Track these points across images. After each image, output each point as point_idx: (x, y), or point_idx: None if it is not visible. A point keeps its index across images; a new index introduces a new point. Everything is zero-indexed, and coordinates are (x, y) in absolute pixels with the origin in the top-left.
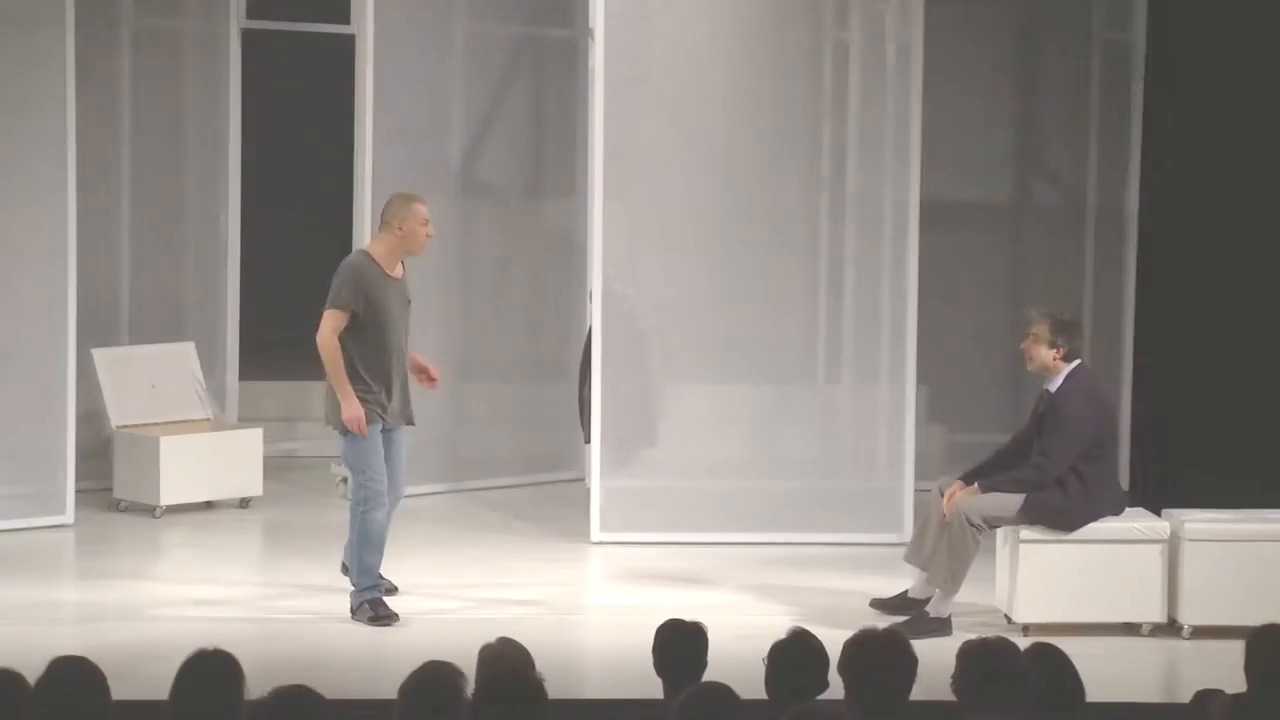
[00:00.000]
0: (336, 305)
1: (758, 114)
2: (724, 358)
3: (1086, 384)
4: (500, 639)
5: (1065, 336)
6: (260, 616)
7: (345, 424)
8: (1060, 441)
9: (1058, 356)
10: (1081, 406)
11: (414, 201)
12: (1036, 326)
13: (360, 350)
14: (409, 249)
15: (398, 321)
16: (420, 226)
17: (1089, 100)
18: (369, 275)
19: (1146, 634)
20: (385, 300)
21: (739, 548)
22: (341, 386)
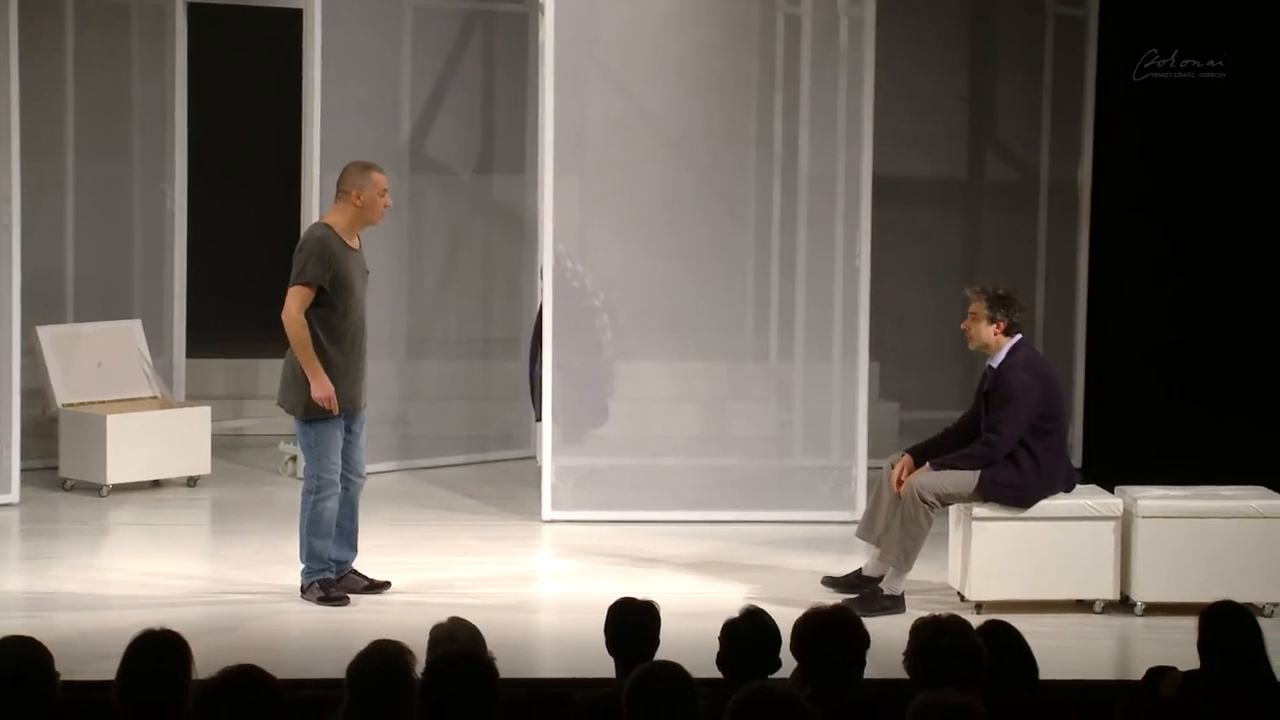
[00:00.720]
0: (303, 281)
1: (709, 89)
2: (676, 335)
3: (1029, 357)
4: (451, 619)
5: (1003, 310)
6: (209, 597)
7: (317, 401)
8: (1007, 417)
9: (998, 331)
10: (1025, 380)
11: (372, 170)
12: (974, 304)
13: (327, 327)
14: (368, 219)
15: (360, 294)
16: (379, 196)
17: (1042, 75)
18: (334, 248)
19: (1099, 611)
20: (349, 274)
21: (691, 526)
22: (311, 365)
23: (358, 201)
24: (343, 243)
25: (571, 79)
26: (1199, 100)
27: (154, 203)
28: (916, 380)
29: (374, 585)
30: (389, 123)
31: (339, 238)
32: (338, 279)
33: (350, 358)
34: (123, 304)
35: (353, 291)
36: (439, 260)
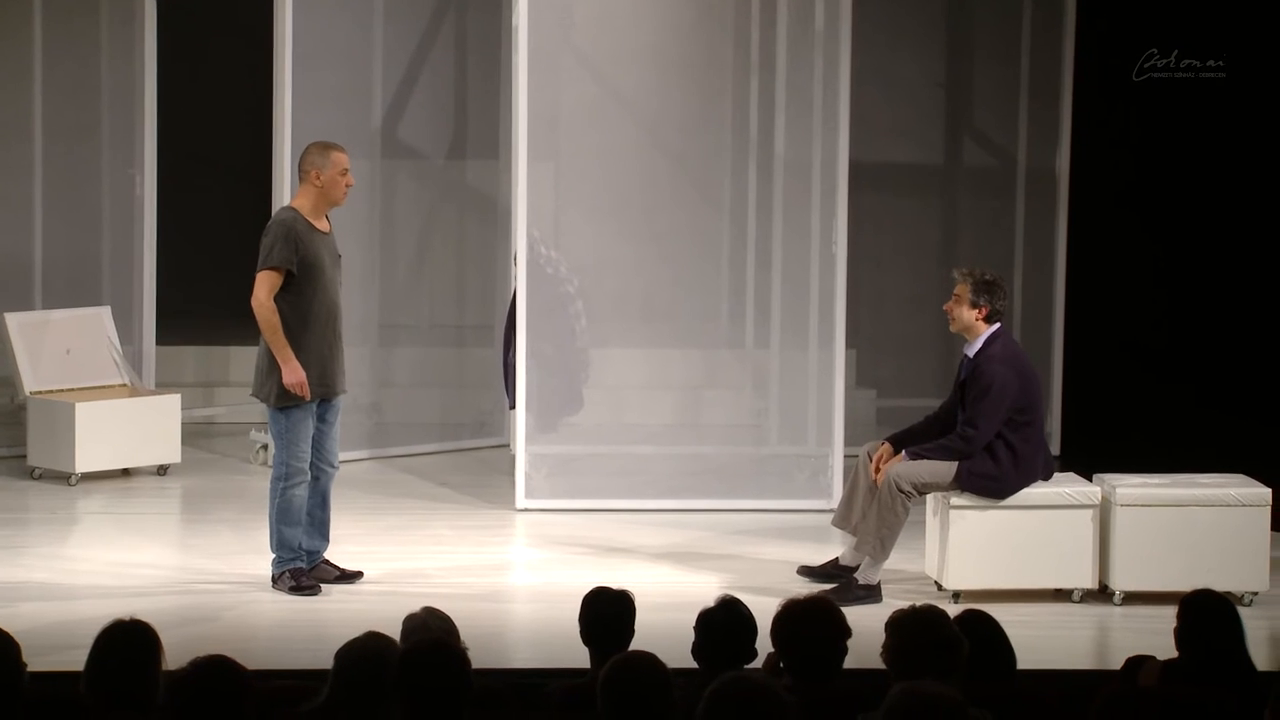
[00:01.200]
0: (269, 265)
1: (684, 73)
2: (651, 322)
3: (1006, 348)
4: (424, 609)
5: (987, 296)
6: (179, 586)
7: (288, 387)
8: (984, 409)
9: (979, 317)
10: (1002, 372)
11: (331, 150)
12: (959, 287)
13: (296, 311)
14: (331, 199)
15: (331, 277)
16: (339, 175)
17: (1019, 60)
18: (300, 230)
19: (1078, 600)
20: (318, 257)
21: (666, 515)
22: (282, 350)
23: (317, 182)
24: (310, 225)
25: (545, 63)
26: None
27: (123, 188)
28: (893, 367)
29: (346, 575)
30: (361, 107)
31: (305, 220)
32: (306, 262)
33: (323, 342)
34: (91, 290)
35: (322, 274)
36: (411, 246)
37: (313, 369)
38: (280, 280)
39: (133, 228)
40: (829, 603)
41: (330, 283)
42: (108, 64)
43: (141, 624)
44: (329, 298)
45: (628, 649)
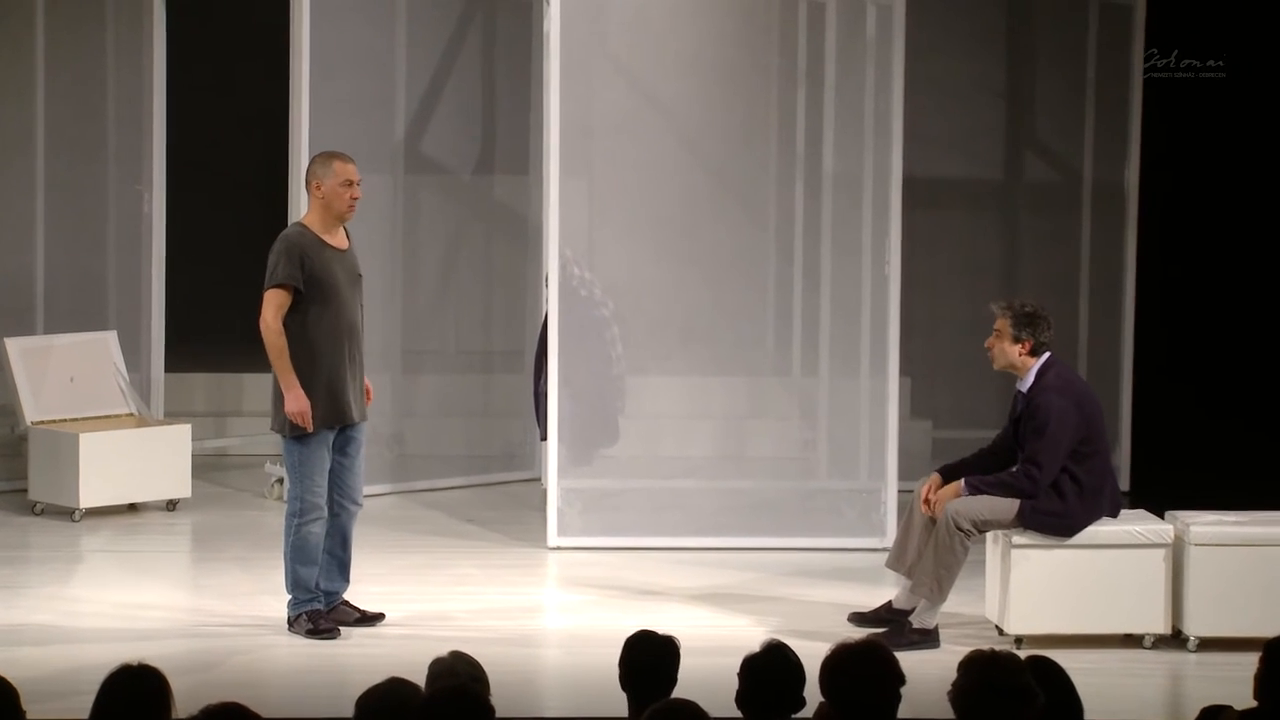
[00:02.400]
0: (275, 284)
1: (727, 84)
2: (691, 348)
3: (1061, 377)
4: (451, 653)
5: (1029, 329)
6: (189, 629)
7: (290, 417)
8: (1045, 446)
9: (1023, 352)
10: (1059, 404)
11: (334, 159)
12: (999, 321)
13: (307, 333)
14: (335, 212)
15: (347, 297)
16: (341, 187)
17: (1085, 68)
18: (307, 246)
19: (1149, 646)
20: (329, 273)
21: (707, 554)
22: (285, 376)
23: (319, 194)
24: (320, 241)
25: (578, 72)
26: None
27: (130, 205)
28: (950, 396)
29: (367, 617)
30: (383, 119)
31: (315, 236)
32: (315, 279)
33: (337, 366)
34: (97, 314)
35: (336, 294)
36: (436, 267)
37: (324, 395)
38: (287, 299)
39: (140, 247)
40: (882, 647)
41: (346, 302)
42: (114, 73)
43: (150, 669)
44: (344, 318)
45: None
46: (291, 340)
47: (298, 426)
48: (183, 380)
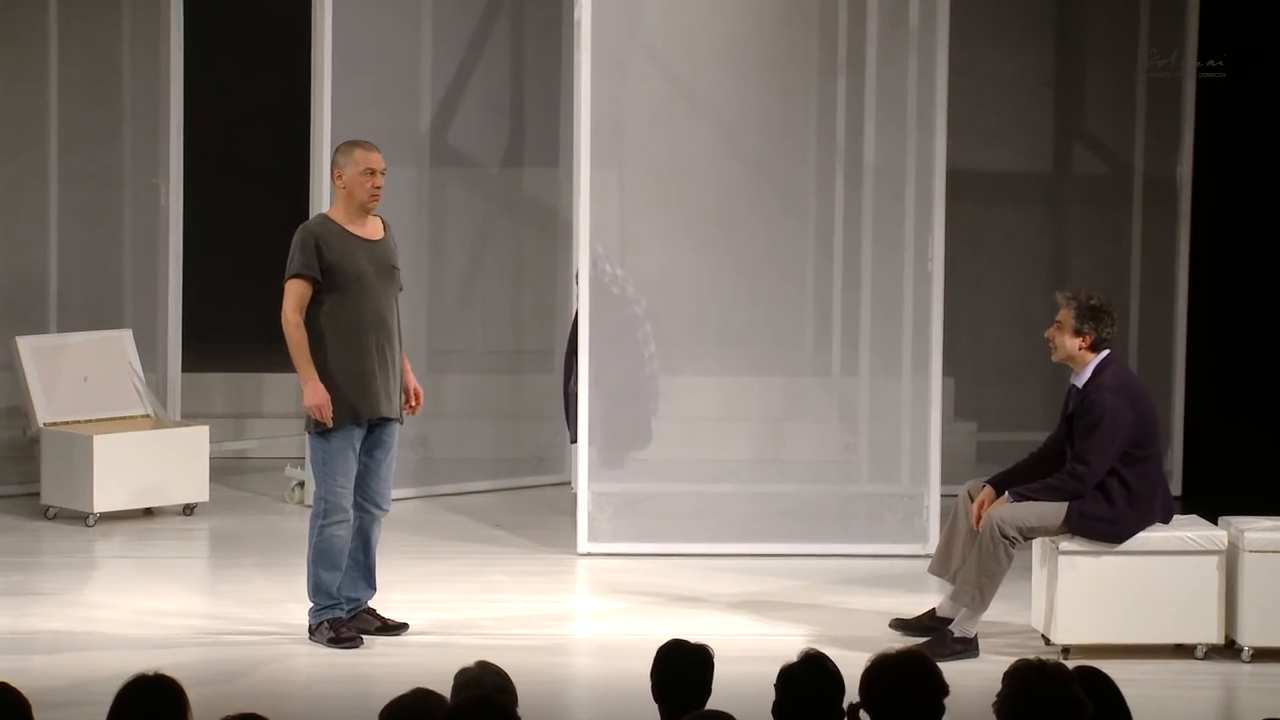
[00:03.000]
0: (292, 274)
1: (765, 73)
2: (727, 347)
3: (1118, 376)
4: (477, 663)
5: (1092, 323)
6: (207, 638)
7: (308, 411)
8: (1096, 443)
9: (1083, 345)
10: (1114, 402)
11: (356, 148)
12: (1061, 312)
13: (328, 324)
14: (356, 202)
15: (375, 289)
16: (362, 176)
17: (1135, 56)
18: (327, 236)
19: (1201, 657)
20: (352, 263)
21: (743, 560)
22: (303, 369)
23: (341, 183)
24: (344, 231)
25: (610, 61)
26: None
27: (147, 199)
28: (996, 398)
29: (389, 626)
30: (407, 111)
31: (338, 226)
32: (335, 270)
33: (361, 360)
34: (111, 312)
35: (360, 285)
36: (462, 263)
37: (346, 389)
38: (307, 290)
39: (156, 242)
40: (924, 657)
41: (372, 293)
42: (130, 61)
43: (166, 679)
44: (369, 310)
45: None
46: (311, 332)
47: (320, 422)
48: (200, 380)
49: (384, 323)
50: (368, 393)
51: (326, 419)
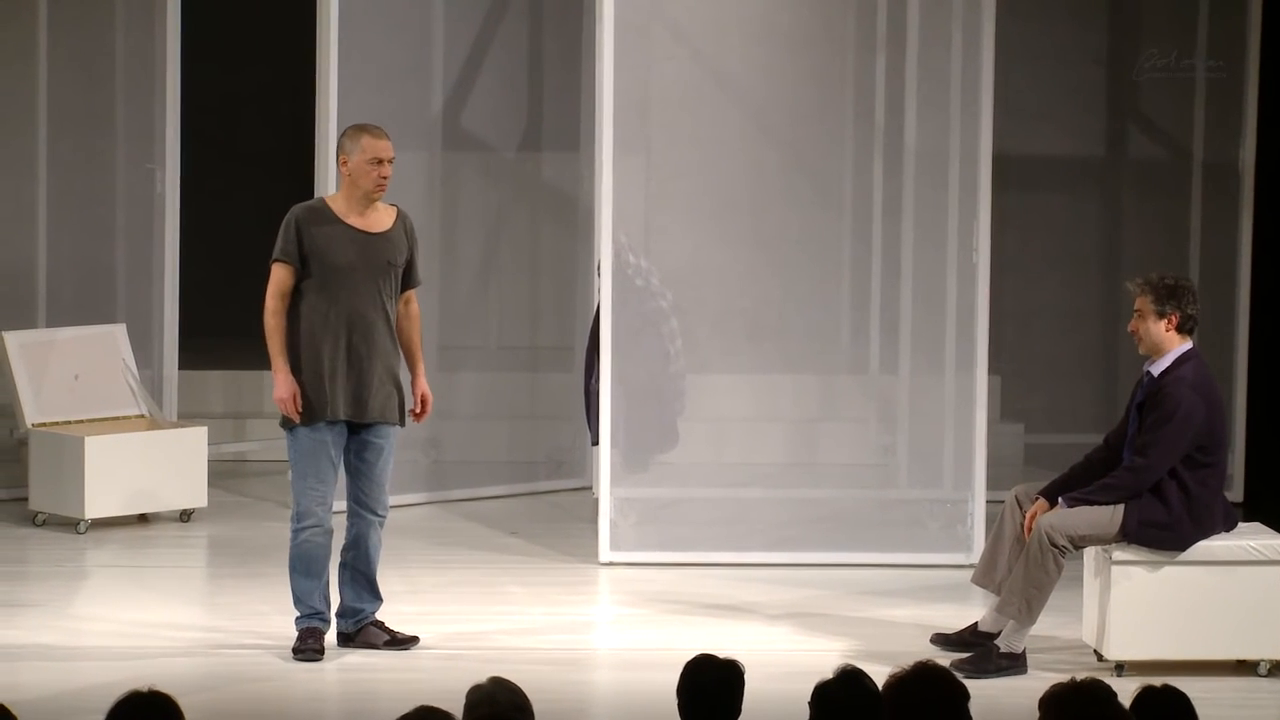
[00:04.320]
0: (274, 259)
1: (798, 51)
2: (758, 343)
3: (1199, 371)
4: (491, 679)
5: (1174, 302)
6: (204, 651)
7: (276, 403)
8: (1165, 436)
9: (1170, 327)
10: (1191, 397)
11: (363, 134)
12: (1138, 301)
13: (313, 315)
14: (361, 190)
15: (358, 284)
16: (369, 165)
17: (1195, 32)
18: (314, 222)
19: (1264, 674)
20: (337, 253)
21: (775, 570)
22: (274, 359)
23: (345, 170)
24: (336, 218)
25: (634, 38)
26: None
27: (141, 186)
28: (1044, 397)
29: (398, 640)
30: (418, 92)
31: (331, 212)
32: (317, 257)
33: (330, 357)
34: (104, 306)
35: (339, 278)
36: (476, 254)
37: (307, 388)
38: (287, 276)
39: (152, 232)
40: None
41: (354, 289)
42: (123, 40)
43: (160, 695)
44: (346, 305)
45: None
46: (289, 321)
47: (288, 418)
48: (198, 378)
49: (363, 320)
50: (329, 392)
51: (290, 413)
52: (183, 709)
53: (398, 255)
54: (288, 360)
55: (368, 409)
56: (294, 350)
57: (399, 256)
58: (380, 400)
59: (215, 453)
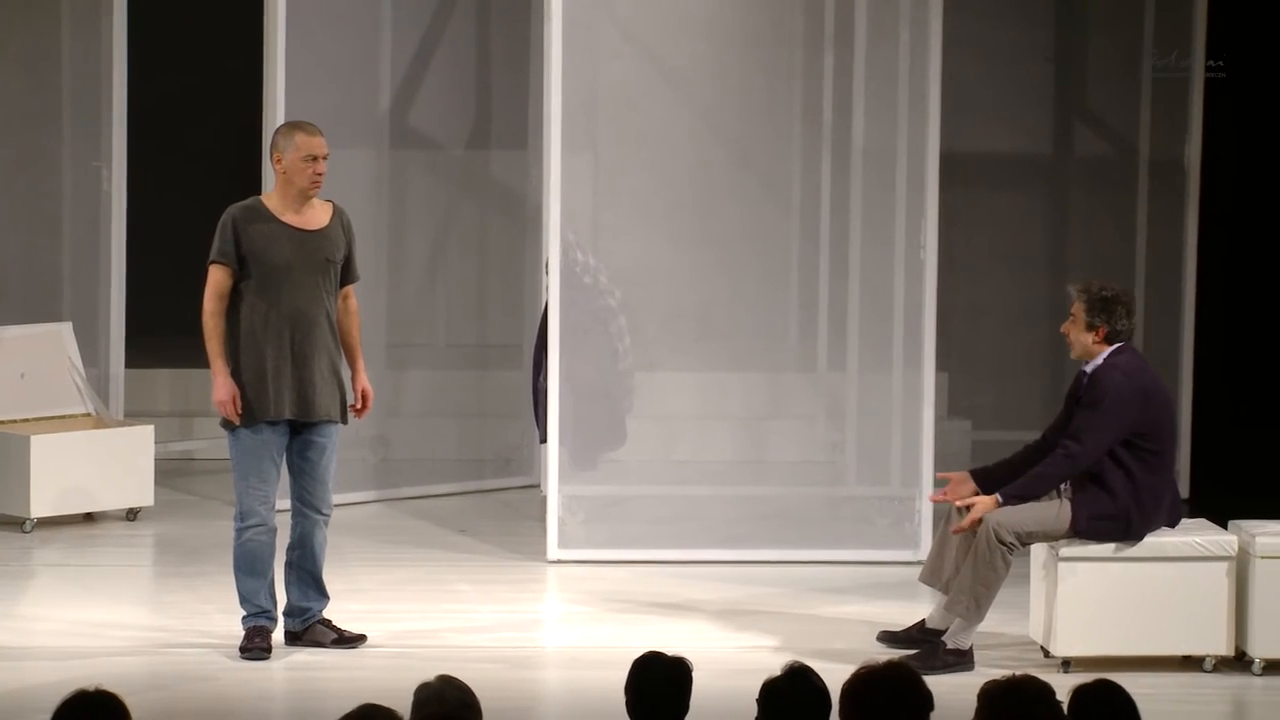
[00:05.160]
0: (211, 260)
1: (746, 49)
2: (706, 341)
3: (1132, 363)
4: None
5: (1104, 315)
6: (151, 649)
7: (216, 406)
8: (1094, 422)
9: (1096, 340)
10: (1121, 382)
11: (297, 131)
12: (1074, 305)
13: (245, 318)
14: (297, 189)
15: (298, 282)
16: (303, 162)
17: (1142, 28)
18: (250, 221)
19: (1210, 669)
20: (274, 254)
21: (724, 567)
22: (213, 361)
23: (279, 168)
24: (272, 217)
25: (582, 36)
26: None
27: (88, 183)
28: (992, 394)
29: (345, 639)
30: (366, 88)
31: (268, 211)
32: (255, 257)
33: (273, 356)
34: (50, 303)
35: (278, 277)
36: (424, 251)
37: (249, 388)
38: (225, 277)
39: (98, 229)
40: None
41: (294, 287)
42: (70, 35)
43: (107, 694)
44: (288, 304)
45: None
46: (228, 323)
47: (228, 419)
48: (145, 377)
49: (305, 319)
50: (272, 392)
51: (230, 415)
52: (130, 708)
53: (336, 252)
54: (227, 362)
55: (313, 408)
56: (234, 351)
57: (337, 253)
58: (325, 398)
59: (162, 451)
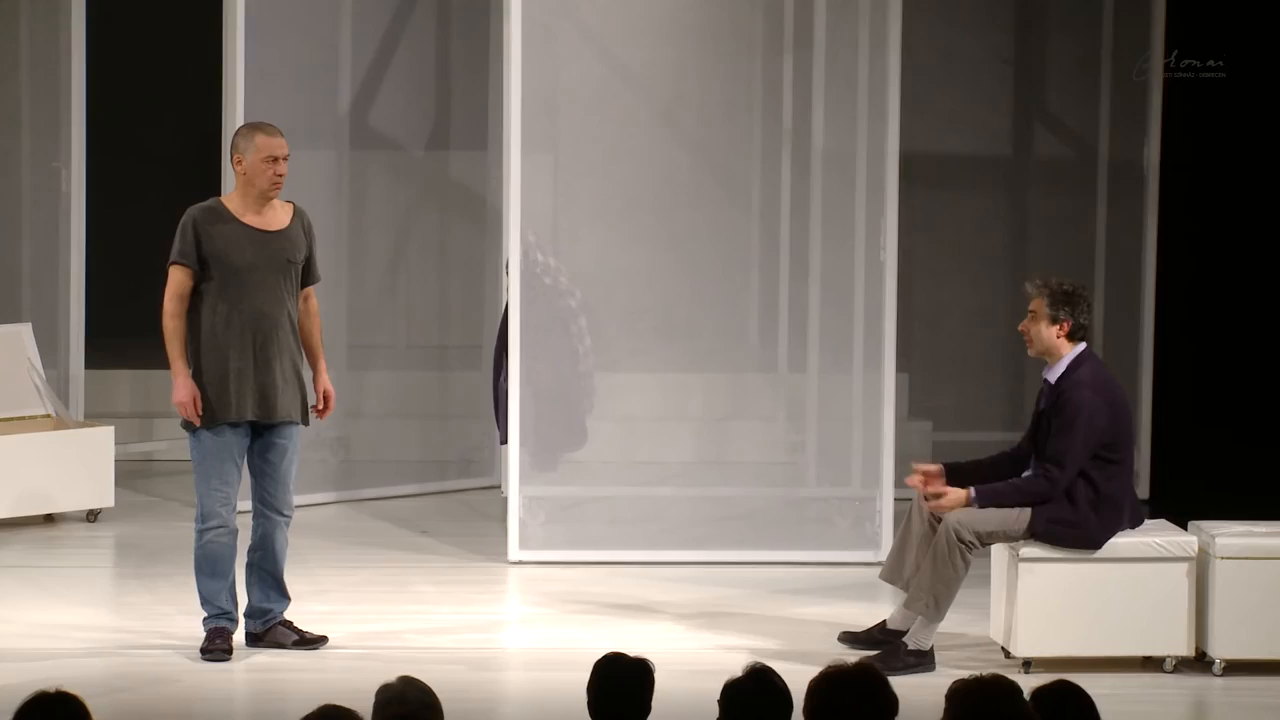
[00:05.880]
0: (171, 261)
1: (706, 51)
2: (667, 342)
3: (1095, 372)
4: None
5: (1068, 309)
6: (112, 651)
7: (175, 406)
8: (1071, 444)
9: (1060, 334)
10: (1091, 399)
11: (257, 132)
12: (1034, 302)
13: (207, 320)
14: (258, 190)
15: (260, 283)
16: (264, 164)
17: (1100, 31)
18: (211, 222)
19: (1170, 670)
20: (235, 255)
21: (685, 568)
22: (174, 362)
23: (240, 169)
24: (233, 218)
25: (542, 38)
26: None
27: (47, 184)
28: (952, 395)
29: (307, 640)
30: (325, 89)
31: (228, 212)
32: (213, 261)
33: (230, 361)
34: (9, 305)
35: (240, 279)
36: (384, 253)
37: (211, 389)
38: (185, 278)
39: (58, 230)
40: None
41: (256, 288)
42: (28, 35)
43: (68, 695)
44: (249, 306)
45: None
46: (189, 324)
47: (189, 421)
48: (105, 378)
49: (267, 320)
50: (235, 393)
51: (191, 416)
52: (90, 710)
53: (297, 253)
54: (188, 363)
55: (275, 409)
56: (195, 352)
57: (298, 254)
58: (286, 400)
59: (122, 452)
